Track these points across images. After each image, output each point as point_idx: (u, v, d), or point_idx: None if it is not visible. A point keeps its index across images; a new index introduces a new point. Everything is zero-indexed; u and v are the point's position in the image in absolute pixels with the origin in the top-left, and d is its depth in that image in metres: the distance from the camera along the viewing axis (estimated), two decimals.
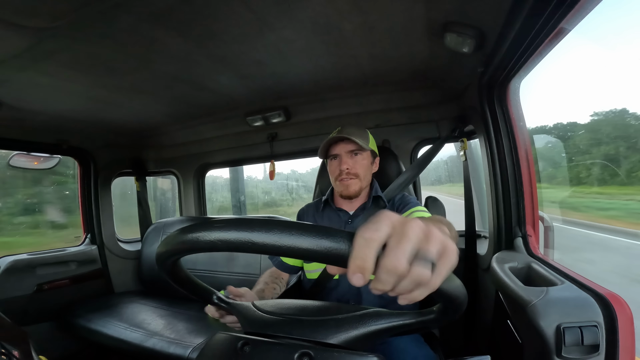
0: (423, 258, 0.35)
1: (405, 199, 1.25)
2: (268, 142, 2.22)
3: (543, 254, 1.19)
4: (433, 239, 0.35)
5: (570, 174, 3.70)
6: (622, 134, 3.87)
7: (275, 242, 0.39)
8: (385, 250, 0.35)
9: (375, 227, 0.35)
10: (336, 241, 0.37)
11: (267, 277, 1.22)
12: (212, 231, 0.42)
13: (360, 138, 1.20)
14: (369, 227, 0.35)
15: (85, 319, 1.86)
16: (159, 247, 0.51)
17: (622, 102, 7.51)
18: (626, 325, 0.71)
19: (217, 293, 0.71)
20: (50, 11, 0.91)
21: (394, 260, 0.34)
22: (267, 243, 0.39)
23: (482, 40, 1.07)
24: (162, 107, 1.90)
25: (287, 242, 0.39)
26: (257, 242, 0.40)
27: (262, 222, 0.41)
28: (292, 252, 0.39)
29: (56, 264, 2.11)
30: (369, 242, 0.34)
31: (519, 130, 1.27)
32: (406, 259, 0.34)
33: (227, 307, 0.71)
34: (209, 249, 0.43)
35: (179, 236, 0.46)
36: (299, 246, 0.38)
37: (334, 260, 0.38)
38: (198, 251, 0.45)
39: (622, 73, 4.22)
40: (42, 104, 1.67)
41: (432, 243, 0.35)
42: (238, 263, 2.04)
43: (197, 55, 1.27)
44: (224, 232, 0.41)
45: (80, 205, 2.41)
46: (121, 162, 2.56)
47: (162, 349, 1.51)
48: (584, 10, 0.78)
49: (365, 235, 0.34)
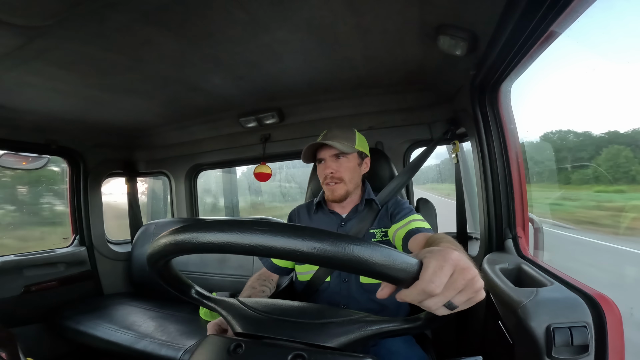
0: (450, 306, 0.44)
1: (400, 205, 1.24)
2: (261, 144, 2.22)
3: (533, 255, 1.21)
4: (471, 291, 0.44)
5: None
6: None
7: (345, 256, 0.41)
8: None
9: (437, 282, 0.42)
10: (407, 270, 0.43)
11: (254, 282, 1.20)
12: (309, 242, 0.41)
13: (344, 141, 1.20)
14: (431, 279, 0.42)
15: (74, 321, 1.83)
16: (184, 233, 0.47)
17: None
18: (615, 325, 0.72)
19: (195, 287, 0.68)
20: (42, 10, 0.90)
21: (429, 304, 0.43)
22: (338, 257, 0.41)
23: (475, 43, 1.08)
24: (154, 107, 1.89)
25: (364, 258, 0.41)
26: (328, 255, 0.41)
27: (335, 236, 0.42)
28: (360, 269, 0.42)
29: (44, 266, 2.08)
30: (425, 294, 0.43)
31: (509, 133, 1.28)
32: (439, 305, 0.44)
33: (208, 303, 0.68)
34: (304, 260, 0.43)
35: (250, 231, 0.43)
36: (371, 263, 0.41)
37: (392, 280, 0.43)
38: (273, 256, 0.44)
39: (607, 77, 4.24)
40: (31, 104, 1.64)
41: (467, 294, 0.44)
42: (230, 264, 2.03)
43: (190, 55, 1.26)
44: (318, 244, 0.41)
45: (69, 206, 2.38)
46: (112, 162, 2.53)
47: (153, 351, 1.49)
48: (575, 13, 0.79)
49: (426, 289, 0.42)
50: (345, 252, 0.40)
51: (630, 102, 2.05)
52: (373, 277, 0.43)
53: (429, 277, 0.42)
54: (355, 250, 0.40)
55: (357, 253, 0.40)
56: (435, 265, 0.43)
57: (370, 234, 1.20)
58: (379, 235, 1.20)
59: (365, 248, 0.41)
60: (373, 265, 0.41)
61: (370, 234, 1.20)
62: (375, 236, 1.20)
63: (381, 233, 1.20)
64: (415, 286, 0.43)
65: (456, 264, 0.44)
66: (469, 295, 0.44)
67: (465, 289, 0.44)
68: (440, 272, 0.42)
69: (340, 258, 0.40)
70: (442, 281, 0.42)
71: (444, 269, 0.42)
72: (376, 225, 1.22)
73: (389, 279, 0.43)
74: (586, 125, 3.48)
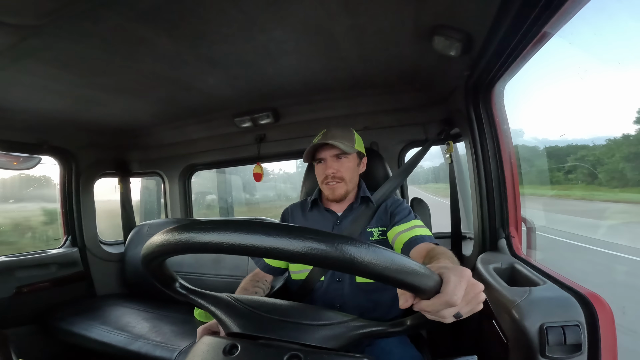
0: (456, 315, 0.50)
1: (400, 205, 1.24)
2: (256, 144, 2.21)
3: (526, 255, 1.22)
4: (475, 302, 0.52)
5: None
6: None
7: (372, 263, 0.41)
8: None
9: (459, 295, 0.48)
10: (432, 285, 0.47)
11: (247, 283, 1.20)
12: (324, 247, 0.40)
13: (345, 140, 1.20)
14: (454, 292, 0.48)
15: (66, 322, 1.82)
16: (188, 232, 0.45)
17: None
18: (607, 324, 0.73)
19: (180, 280, 0.65)
20: (36, 9, 0.89)
21: (445, 314, 0.49)
22: (366, 264, 0.41)
23: (469, 44, 1.09)
24: (148, 107, 1.87)
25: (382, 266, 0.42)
26: (356, 261, 0.41)
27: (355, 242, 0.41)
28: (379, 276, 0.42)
29: (36, 267, 2.06)
30: (447, 305, 0.48)
31: (502, 134, 1.30)
32: (452, 314, 0.50)
33: (200, 301, 0.66)
34: (318, 264, 0.42)
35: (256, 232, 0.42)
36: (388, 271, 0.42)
37: (414, 290, 0.47)
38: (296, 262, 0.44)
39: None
40: (22, 103, 1.62)
41: (472, 305, 0.51)
42: (225, 265, 2.02)
43: (185, 55, 1.26)
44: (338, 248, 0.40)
45: (60, 207, 2.35)
46: (104, 162, 2.51)
47: (147, 352, 1.48)
48: (567, 15, 0.80)
49: (450, 300, 0.47)
50: (377, 263, 0.41)
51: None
52: (397, 286, 0.46)
53: (452, 291, 0.48)
54: (388, 261, 0.42)
55: (390, 265, 0.42)
56: (455, 280, 0.49)
57: (367, 233, 1.20)
58: (376, 234, 1.20)
59: (396, 260, 0.43)
60: (405, 276, 0.43)
61: (367, 233, 1.20)
62: (373, 235, 1.20)
63: (379, 232, 1.20)
64: (438, 298, 0.48)
65: (468, 280, 0.51)
66: (473, 306, 0.52)
67: (472, 301, 0.51)
68: (460, 286, 0.48)
69: (372, 268, 0.41)
70: (461, 294, 0.48)
71: (462, 283, 0.49)
72: (374, 224, 1.22)
73: (411, 289, 0.46)
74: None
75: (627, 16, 1.26)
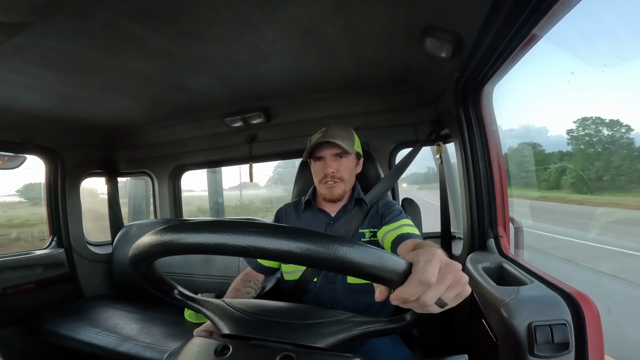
0: (440, 303, 0.45)
1: (391, 206, 1.24)
2: (247, 144, 2.20)
3: (514, 254, 1.24)
4: (459, 286, 0.46)
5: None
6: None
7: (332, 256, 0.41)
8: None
9: (431, 272, 0.44)
10: (397, 271, 0.44)
11: (238, 283, 1.19)
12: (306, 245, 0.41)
13: (346, 140, 1.19)
14: (425, 269, 0.44)
15: (53, 324, 1.79)
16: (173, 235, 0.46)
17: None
18: (593, 323, 0.74)
19: (178, 287, 0.66)
20: (24, 7, 0.87)
21: (425, 299, 0.44)
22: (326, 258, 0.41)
23: (460, 45, 1.10)
24: (137, 106, 1.85)
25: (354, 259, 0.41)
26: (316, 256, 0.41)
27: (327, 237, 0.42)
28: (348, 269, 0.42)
29: (20, 268, 2.02)
30: (422, 285, 0.43)
31: (491, 135, 1.31)
32: (434, 300, 0.44)
33: (193, 304, 0.67)
34: (297, 263, 0.43)
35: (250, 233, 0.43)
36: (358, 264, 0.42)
37: (383, 281, 0.45)
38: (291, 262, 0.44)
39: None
40: (7, 101, 1.58)
41: (456, 289, 0.46)
42: (215, 265, 2.01)
43: (175, 53, 1.24)
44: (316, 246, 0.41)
45: (46, 207, 2.30)
46: (91, 162, 2.46)
47: (137, 354, 1.46)
48: (555, 17, 0.82)
49: (422, 278, 0.43)
50: (336, 255, 0.41)
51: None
52: (365, 278, 0.43)
53: (422, 268, 0.44)
54: (347, 252, 0.41)
55: (349, 255, 0.41)
56: (424, 259, 0.45)
57: (359, 234, 1.20)
58: (368, 235, 1.20)
59: (357, 250, 0.41)
60: (365, 267, 0.42)
61: (359, 234, 1.20)
62: (365, 236, 1.20)
63: (370, 233, 1.20)
64: (410, 279, 0.44)
65: (441, 258, 0.47)
66: (457, 290, 0.46)
67: (453, 284, 0.46)
68: (430, 264, 0.45)
69: (331, 260, 0.41)
70: (434, 272, 0.44)
71: (432, 261, 0.45)
72: (366, 225, 1.22)
73: (381, 280, 0.44)
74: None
75: (614, 19, 1.29)
